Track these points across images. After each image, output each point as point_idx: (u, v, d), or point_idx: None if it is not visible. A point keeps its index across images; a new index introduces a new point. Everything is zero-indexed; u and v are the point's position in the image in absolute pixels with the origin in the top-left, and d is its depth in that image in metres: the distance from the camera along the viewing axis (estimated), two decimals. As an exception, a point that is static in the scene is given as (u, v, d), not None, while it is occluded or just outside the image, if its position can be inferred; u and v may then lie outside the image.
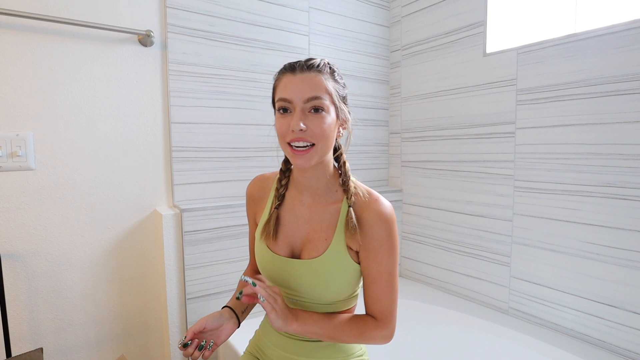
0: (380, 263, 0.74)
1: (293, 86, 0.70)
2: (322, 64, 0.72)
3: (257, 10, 1.40)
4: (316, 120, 0.69)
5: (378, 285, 0.75)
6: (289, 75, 0.71)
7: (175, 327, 1.25)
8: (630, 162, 1.07)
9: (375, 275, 0.74)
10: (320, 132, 0.69)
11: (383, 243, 0.73)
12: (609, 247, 1.12)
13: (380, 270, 0.74)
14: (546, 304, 1.28)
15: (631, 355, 1.10)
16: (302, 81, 0.70)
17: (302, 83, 0.69)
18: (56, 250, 1.14)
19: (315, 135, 0.69)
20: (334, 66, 0.75)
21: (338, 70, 0.76)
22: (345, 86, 0.77)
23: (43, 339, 1.14)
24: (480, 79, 1.44)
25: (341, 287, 0.76)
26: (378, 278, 0.74)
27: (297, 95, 0.69)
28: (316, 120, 0.69)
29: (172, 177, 1.29)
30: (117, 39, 1.19)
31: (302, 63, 0.72)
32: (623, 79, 1.08)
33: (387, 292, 0.75)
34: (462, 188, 1.52)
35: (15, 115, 1.07)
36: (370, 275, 0.75)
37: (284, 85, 0.71)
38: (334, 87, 0.72)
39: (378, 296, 0.75)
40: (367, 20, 1.71)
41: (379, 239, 0.73)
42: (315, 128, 0.69)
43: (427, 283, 1.70)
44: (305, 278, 0.75)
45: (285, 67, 0.73)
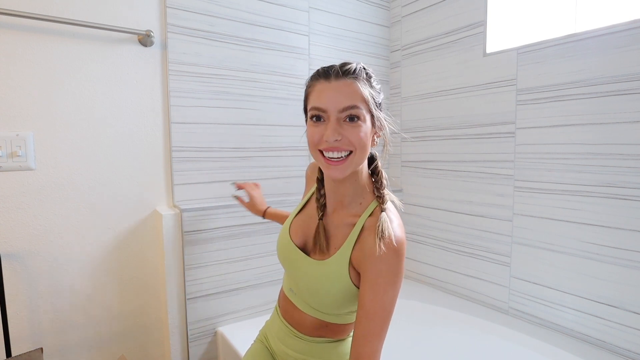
0: (375, 294, 0.65)
1: (328, 94, 0.67)
2: (358, 69, 0.68)
3: (257, 10, 1.40)
4: (352, 130, 0.67)
5: (371, 321, 0.65)
6: (323, 82, 0.68)
7: (175, 327, 1.25)
8: (630, 162, 1.07)
9: (370, 307, 0.65)
10: (357, 141, 0.67)
11: (382, 273, 0.65)
12: (609, 247, 1.12)
13: (371, 300, 0.65)
14: (546, 304, 1.28)
15: (631, 355, 1.09)
16: (337, 89, 0.66)
17: (337, 91, 0.66)
18: (56, 250, 1.14)
19: (351, 144, 0.67)
20: (370, 71, 0.72)
21: (374, 76, 0.72)
22: (381, 91, 0.73)
23: (43, 339, 1.14)
24: (480, 79, 1.44)
25: (330, 300, 0.73)
26: (371, 310, 0.65)
27: (332, 105, 0.66)
28: (352, 129, 0.67)
29: (172, 177, 1.29)
30: (117, 39, 1.19)
31: (337, 69, 0.68)
32: (623, 79, 1.08)
33: (378, 332, 0.65)
34: (462, 188, 1.52)
35: (15, 115, 1.07)
36: (365, 306, 0.65)
37: (317, 93, 0.68)
38: (370, 94, 0.68)
39: (367, 333, 0.65)
40: (367, 20, 1.71)
41: (380, 268, 0.65)
42: (352, 137, 0.66)
43: (427, 283, 1.70)
44: (304, 276, 0.75)
45: (319, 72, 0.70)
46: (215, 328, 1.31)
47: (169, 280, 1.22)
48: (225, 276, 1.32)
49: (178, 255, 1.23)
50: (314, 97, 0.69)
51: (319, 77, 0.69)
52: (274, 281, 1.42)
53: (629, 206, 1.08)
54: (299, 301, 0.80)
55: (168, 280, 1.22)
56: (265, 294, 1.41)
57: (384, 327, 0.66)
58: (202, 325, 1.29)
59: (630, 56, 1.06)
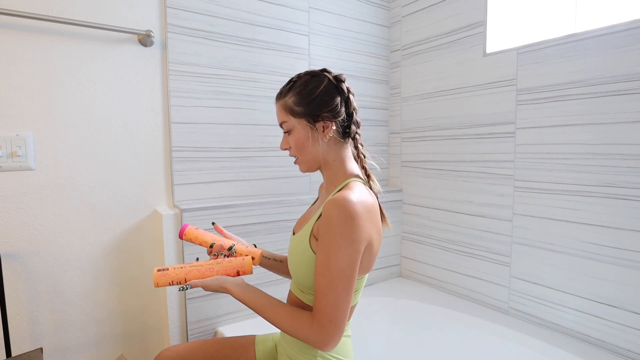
0: (321, 254, 0.71)
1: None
2: (285, 90, 0.84)
3: (257, 10, 1.40)
4: (290, 139, 0.84)
5: (319, 278, 0.71)
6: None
7: (175, 327, 1.25)
8: (630, 162, 1.07)
9: (318, 265, 0.72)
10: (295, 148, 0.83)
11: (326, 231, 0.70)
12: (609, 247, 1.12)
13: (320, 262, 0.71)
14: (546, 304, 1.28)
15: (631, 355, 1.10)
16: (276, 111, 0.86)
17: (276, 113, 0.86)
18: (56, 250, 1.14)
19: (294, 151, 0.84)
20: (305, 78, 0.83)
21: (305, 81, 0.82)
22: (313, 93, 0.81)
23: (43, 339, 1.14)
24: (480, 79, 1.44)
25: (298, 269, 0.81)
26: (319, 270, 0.71)
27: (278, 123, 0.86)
28: (290, 139, 0.84)
29: (172, 177, 1.29)
30: (117, 39, 1.19)
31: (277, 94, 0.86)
32: (623, 79, 1.08)
33: (326, 290, 0.70)
34: (462, 188, 1.52)
35: (15, 115, 1.07)
36: (317, 264, 0.72)
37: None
38: (294, 102, 0.81)
39: (317, 291, 0.72)
40: (367, 20, 1.71)
41: (324, 225, 0.71)
42: (292, 145, 0.84)
43: (427, 283, 1.70)
44: (289, 250, 0.87)
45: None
46: (215, 328, 1.31)
47: (169, 280, 1.22)
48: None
49: (178, 255, 1.23)
50: None
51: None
52: (274, 281, 1.42)
53: (629, 206, 1.08)
54: (292, 282, 0.89)
55: (168, 280, 1.22)
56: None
57: (333, 286, 0.70)
58: (202, 325, 1.29)
59: (630, 56, 1.06)
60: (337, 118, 0.81)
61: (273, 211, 1.38)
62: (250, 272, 0.85)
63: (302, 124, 0.81)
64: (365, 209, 0.73)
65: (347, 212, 0.70)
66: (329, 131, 0.81)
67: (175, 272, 0.82)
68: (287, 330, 0.75)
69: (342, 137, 0.84)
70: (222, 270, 0.84)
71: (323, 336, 0.71)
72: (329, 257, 0.70)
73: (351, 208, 0.70)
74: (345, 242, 0.70)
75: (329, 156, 0.83)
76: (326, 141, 0.82)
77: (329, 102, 0.81)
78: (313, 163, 0.84)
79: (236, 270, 0.84)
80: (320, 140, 0.81)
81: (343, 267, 0.70)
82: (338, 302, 0.70)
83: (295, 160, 0.86)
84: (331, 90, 0.82)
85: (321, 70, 0.85)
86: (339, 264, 0.70)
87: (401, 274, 1.83)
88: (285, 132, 0.84)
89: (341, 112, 0.82)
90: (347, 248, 0.70)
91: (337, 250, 0.70)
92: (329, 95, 0.81)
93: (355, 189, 0.75)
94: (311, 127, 0.81)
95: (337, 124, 0.81)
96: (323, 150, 0.82)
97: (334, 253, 0.70)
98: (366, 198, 0.75)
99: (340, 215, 0.69)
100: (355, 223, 0.70)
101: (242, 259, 0.86)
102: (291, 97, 0.82)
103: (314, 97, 0.81)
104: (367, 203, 0.74)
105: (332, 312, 0.70)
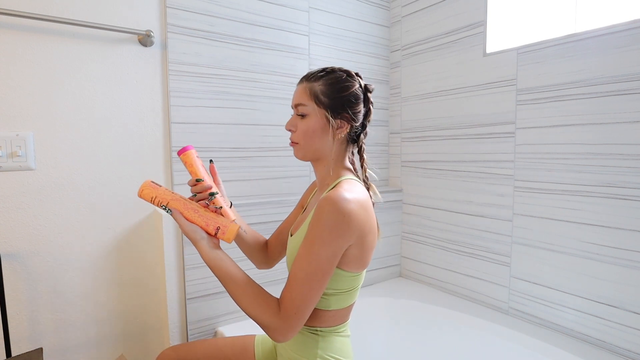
0: (305, 245, 0.71)
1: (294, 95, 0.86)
2: (319, 74, 0.83)
3: (257, 10, 1.40)
4: (301, 124, 0.83)
5: (296, 269, 0.71)
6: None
7: (175, 327, 1.25)
8: (630, 162, 1.07)
9: (298, 256, 0.72)
10: (302, 133, 0.83)
11: (315, 225, 0.71)
12: (609, 247, 1.12)
13: (302, 253, 0.71)
14: (546, 304, 1.28)
15: (631, 355, 1.10)
16: (296, 91, 0.85)
17: (295, 93, 0.85)
18: (56, 250, 1.14)
19: (299, 135, 0.83)
20: (339, 74, 0.83)
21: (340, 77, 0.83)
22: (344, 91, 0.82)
23: (43, 339, 1.14)
24: (480, 79, 1.44)
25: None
26: (298, 260, 0.71)
27: (292, 102, 0.86)
28: (300, 123, 0.83)
29: (172, 177, 1.29)
30: (117, 39, 1.19)
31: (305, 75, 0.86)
32: (623, 79, 1.08)
33: (300, 282, 0.70)
34: (462, 188, 1.52)
35: (15, 115, 1.07)
36: (298, 254, 0.73)
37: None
38: (323, 91, 0.81)
39: (291, 281, 0.71)
40: (367, 20, 1.71)
41: (314, 219, 0.72)
42: (299, 130, 0.83)
43: (427, 283, 1.70)
44: (287, 252, 0.88)
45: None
46: (215, 328, 1.31)
47: (169, 280, 1.22)
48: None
49: (178, 255, 1.23)
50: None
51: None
52: (274, 281, 1.42)
53: (629, 206, 1.08)
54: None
55: (168, 280, 1.22)
56: (265, 294, 1.41)
57: (309, 279, 0.70)
58: (202, 325, 1.29)
59: (630, 56, 1.06)
60: (354, 123, 0.83)
61: (273, 211, 1.38)
62: (229, 241, 0.78)
63: (321, 113, 0.81)
64: (359, 205, 0.73)
65: (339, 210, 0.70)
66: (342, 131, 0.82)
67: (164, 193, 0.80)
68: (249, 311, 0.72)
69: (350, 142, 0.86)
70: (203, 220, 0.77)
71: (285, 326, 0.70)
72: (311, 251, 0.70)
73: (344, 206, 0.70)
74: (330, 238, 0.70)
75: (329, 155, 0.84)
76: (336, 139, 0.83)
77: (354, 106, 0.83)
78: (312, 154, 0.84)
79: (217, 227, 0.77)
80: (330, 136, 0.82)
81: (322, 263, 0.70)
82: (309, 297, 0.70)
83: (292, 143, 0.86)
84: (359, 95, 0.84)
85: (354, 72, 0.86)
86: (320, 259, 0.70)
87: (401, 274, 1.83)
88: (299, 114, 0.83)
89: (359, 119, 0.84)
90: (331, 244, 0.70)
91: (320, 246, 0.70)
92: (356, 99, 0.83)
93: (347, 186, 0.76)
94: (328, 121, 0.81)
95: (351, 127, 0.83)
96: (328, 146, 0.83)
97: (318, 248, 0.70)
98: (360, 194, 0.76)
99: (332, 212, 0.70)
100: (345, 221, 0.70)
101: (229, 222, 0.78)
102: (321, 85, 0.81)
103: (342, 95, 0.82)
104: (360, 199, 0.74)
105: (301, 304, 0.70)
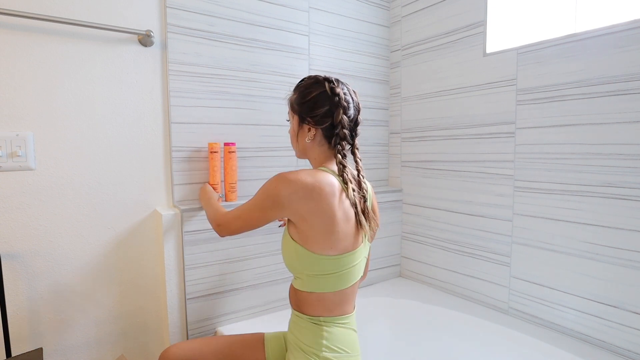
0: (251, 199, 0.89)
1: None
2: (297, 83, 0.95)
3: (257, 10, 1.40)
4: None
5: (238, 208, 0.92)
6: None
7: (175, 327, 1.25)
8: (630, 162, 1.07)
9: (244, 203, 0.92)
10: (290, 135, 0.99)
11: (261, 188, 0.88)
12: (609, 247, 1.12)
13: (246, 203, 0.91)
14: (546, 304, 1.28)
15: (631, 355, 1.10)
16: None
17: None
18: (56, 250, 1.14)
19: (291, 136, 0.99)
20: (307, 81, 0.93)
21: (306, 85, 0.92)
22: (305, 97, 0.90)
23: (43, 339, 1.14)
24: (480, 79, 1.44)
25: (286, 257, 0.91)
26: (241, 205, 0.92)
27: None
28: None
29: (172, 177, 1.29)
30: (117, 39, 1.19)
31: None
32: (623, 79, 1.08)
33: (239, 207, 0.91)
34: (462, 188, 1.52)
35: (15, 115, 1.07)
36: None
37: None
38: (294, 99, 0.94)
39: (235, 209, 0.93)
40: (367, 20, 1.71)
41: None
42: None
43: (427, 283, 1.70)
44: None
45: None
46: (215, 328, 1.31)
47: (169, 280, 1.22)
48: (224, 276, 1.32)
49: (178, 255, 1.23)
50: None
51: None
52: (274, 281, 1.42)
53: (629, 206, 1.08)
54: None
55: (168, 280, 1.22)
56: (265, 294, 1.41)
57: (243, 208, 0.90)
58: (202, 325, 1.29)
59: (630, 56, 1.06)
60: (319, 126, 0.89)
61: (273, 211, 1.38)
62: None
63: (295, 119, 0.94)
64: (302, 184, 0.82)
65: (276, 177, 0.84)
66: (311, 134, 0.90)
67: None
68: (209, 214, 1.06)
69: (331, 143, 0.91)
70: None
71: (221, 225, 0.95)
72: (247, 204, 0.89)
73: (282, 176, 0.84)
74: (263, 194, 0.86)
75: (314, 155, 0.94)
76: (308, 141, 0.92)
77: (314, 110, 0.89)
78: (300, 153, 0.98)
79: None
80: (307, 139, 0.91)
81: (251, 207, 0.88)
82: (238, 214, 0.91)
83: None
84: (322, 99, 0.87)
85: (324, 78, 0.90)
86: (251, 203, 0.88)
87: (401, 274, 1.83)
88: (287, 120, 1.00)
89: (323, 122, 0.89)
90: (261, 198, 0.86)
91: (255, 198, 0.88)
92: (317, 103, 0.88)
93: (308, 170, 0.86)
94: (300, 125, 0.93)
95: (321, 130, 0.90)
96: (307, 147, 0.93)
97: (250, 203, 0.89)
98: (309, 176, 0.83)
99: (271, 180, 0.85)
100: (274, 183, 0.84)
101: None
102: (294, 94, 0.94)
103: (304, 102, 0.91)
104: (306, 181, 0.82)
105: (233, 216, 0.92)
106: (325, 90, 0.88)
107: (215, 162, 1.29)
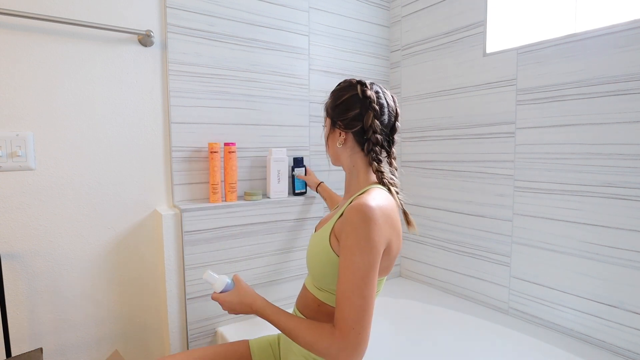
0: (343, 258, 0.71)
1: None
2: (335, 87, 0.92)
3: (257, 10, 1.40)
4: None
5: (341, 283, 0.70)
6: None
7: (175, 327, 1.25)
8: (630, 162, 1.07)
9: (340, 269, 0.72)
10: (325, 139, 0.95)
11: (347, 236, 0.72)
12: (609, 247, 1.12)
13: (342, 265, 0.71)
14: (546, 304, 1.28)
15: (631, 355, 1.10)
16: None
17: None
18: (56, 250, 1.14)
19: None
20: (341, 85, 0.90)
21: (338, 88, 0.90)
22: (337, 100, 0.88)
23: (43, 339, 1.14)
24: (480, 79, 1.44)
25: (317, 267, 0.82)
26: (342, 274, 0.71)
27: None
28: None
29: (172, 177, 1.29)
30: (117, 39, 1.19)
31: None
32: (623, 79, 1.08)
33: (349, 294, 0.69)
34: (462, 188, 1.52)
35: (15, 115, 1.07)
36: (340, 268, 0.72)
37: None
38: (328, 104, 0.91)
39: (340, 297, 0.70)
40: (367, 20, 1.71)
41: (345, 231, 0.73)
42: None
43: (427, 283, 1.70)
44: (308, 246, 0.90)
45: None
46: (215, 328, 1.31)
47: (169, 280, 1.22)
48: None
49: (178, 255, 1.23)
50: None
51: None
52: (274, 281, 1.42)
53: (629, 206, 1.08)
54: (308, 278, 0.92)
55: (168, 280, 1.22)
56: (265, 294, 1.41)
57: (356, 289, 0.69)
58: (202, 325, 1.29)
59: (630, 56, 1.06)
60: (349, 130, 0.86)
61: (273, 211, 1.38)
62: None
63: (328, 123, 0.92)
64: (383, 212, 0.74)
65: (366, 217, 0.71)
66: (342, 139, 0.87)
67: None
68: (307, 342, 0.72)
69: (361, 149, 0.87)
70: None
71: (345, 344, 0.67)
72: (353, 261, 0.70)
73: (369, 212, 0.71)
74: (366, 245, 0.70)
75: (346, 161, 0.89)
76: (340, 146, 0.88)
77: (344, 114, 0.86)
78: (334, 159, 0.94)
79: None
80: (338, 143, 0.88)
81: (367, 271, 0.70)
82: (362, 306, 0.68)
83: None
84: (353, 102, 0.85)
85: (357, 81, 0.87)
86: (361, 268, 0.69)
87: (401, 274, 1.83)
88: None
89: (353, 125, 0.85)
90: (367, 251, 0.70)
91: (361, 254, 0.70)
92: (347, 107, 0.85)
93: (373, 194, 0.77)
94: (331, 129, 0.90)
95: (353, 134, 0.86)
96: (341, 153, 0.90)
97: (358, 257, 0.70)
98: (384, 202, 0.76)
99: (360, 220, 0.71)
100: (372, 226, 0.71)
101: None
102: (329, 99, 0.91)
103: (336, 105, 0.88)
104: (384, 207, 0.75)
105: (356, 317, 0.68)
106: (357, 93, 0.84)
107: (215, 162, 1.29)
